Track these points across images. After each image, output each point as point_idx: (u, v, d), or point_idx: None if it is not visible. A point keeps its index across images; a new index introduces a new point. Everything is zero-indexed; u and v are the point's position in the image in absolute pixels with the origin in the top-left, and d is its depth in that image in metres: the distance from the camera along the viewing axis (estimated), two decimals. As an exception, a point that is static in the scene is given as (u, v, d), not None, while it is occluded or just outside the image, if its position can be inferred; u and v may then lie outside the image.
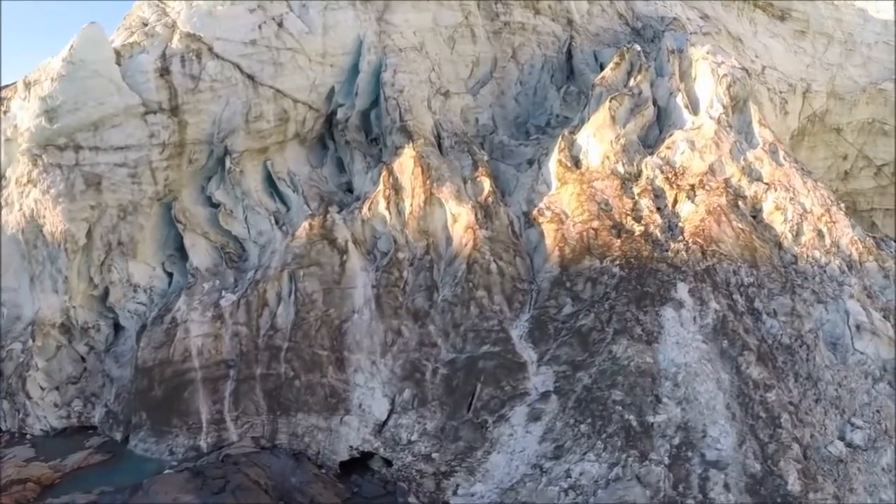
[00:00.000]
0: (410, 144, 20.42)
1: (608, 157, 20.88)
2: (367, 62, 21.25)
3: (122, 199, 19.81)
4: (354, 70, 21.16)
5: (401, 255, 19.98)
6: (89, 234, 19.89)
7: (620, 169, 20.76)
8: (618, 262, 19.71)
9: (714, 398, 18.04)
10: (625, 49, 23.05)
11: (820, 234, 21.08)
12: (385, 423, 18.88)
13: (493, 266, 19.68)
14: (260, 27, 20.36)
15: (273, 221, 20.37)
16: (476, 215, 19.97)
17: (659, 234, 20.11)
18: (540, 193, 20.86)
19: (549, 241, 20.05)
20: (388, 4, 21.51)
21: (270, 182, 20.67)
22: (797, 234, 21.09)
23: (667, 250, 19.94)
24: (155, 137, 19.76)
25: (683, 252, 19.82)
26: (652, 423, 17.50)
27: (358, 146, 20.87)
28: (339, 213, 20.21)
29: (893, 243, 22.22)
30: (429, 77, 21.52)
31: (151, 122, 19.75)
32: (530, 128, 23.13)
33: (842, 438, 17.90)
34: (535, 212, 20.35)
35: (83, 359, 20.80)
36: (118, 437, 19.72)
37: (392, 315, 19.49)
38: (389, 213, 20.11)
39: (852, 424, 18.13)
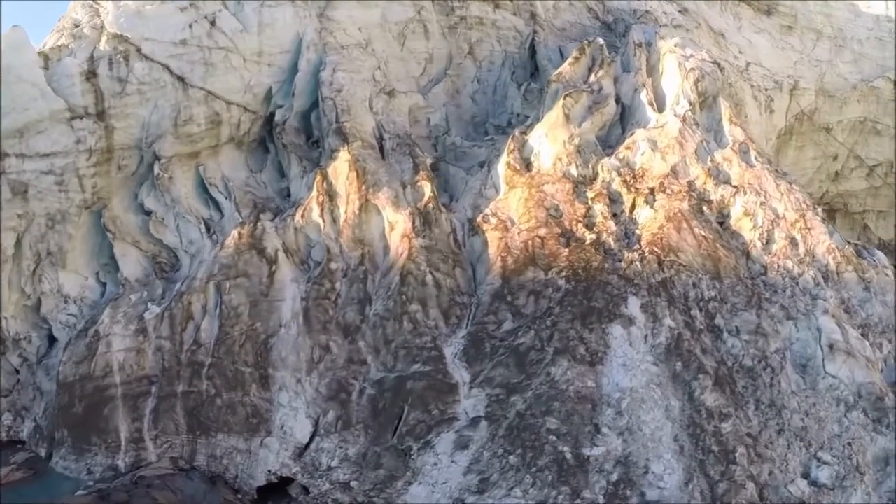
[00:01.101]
0: (346, 147, 17.47)
1: (560, 159, 17.64)
2: (306, 61, 18.37)
3: (50, 207, 17.27)
4: (293, 70, 18.32)
5: (333, 266, 17.04)
6: (18, 243, 17.41)
7: (574, 171, 17.51)
8: (564, 273, 16.42)
9: (660, 428, 14.75)
10: (585, 43, 19.72)
11: (793, 242, 17.56)
12: (307, 446, 15.93)
13: (429, 278, 16.59)
14: (191, 26, 17.63)
15: (203, 230, 17.63)
16: (413, 223, 16.92)
17: (612, 243, 16.81)
18: (487, 198, 17.71)
19: (492, 250, 16.91)
20: (329, 2, 18.59)
21: (205, 188, 17.96)
22: (767, 242, 17.58)
23: (620, 261, 16.61)
24: (82, 143, 17.17)
25: (638, 262, 16.47)
26: (588, 457, 14.27)
27: (295, 149, 18.01)
28: (272, 220, 17.40)
29: (878, 252, 18.67)
30: (373, 76, 18.55)
31: (78, 127, 17.16)
32: (489, 127, 19.99)
33: (806, 476, 14.44)
34: (479, 218, 17.23)
35: (17, 371, 18.39)
36: (43, 453, 17.24)
37: (321, 330, 16.56)
38: (323, 220, 17.19)
39: (819, 460, 14.68)
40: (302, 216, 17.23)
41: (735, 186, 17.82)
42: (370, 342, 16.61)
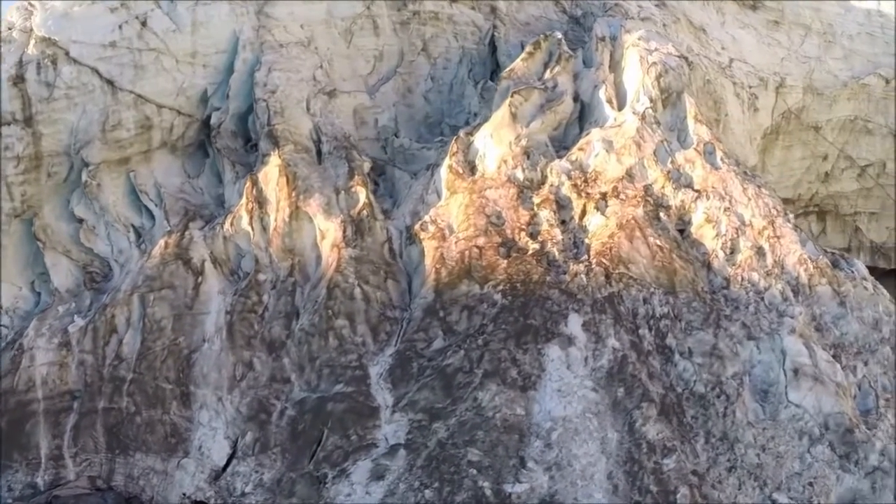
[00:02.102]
0: (276, 151, 15.08)
1: (506, 162, 14.97)
2: (242, 61, 15.99)
3: (-21, 215, 15.41)
4: (229, 70, 15.96)
5: (261, 277, 14.73)
6: (-49, 252, 15.63)
7: (519, 175, 14.87)
8: (501, 287, 13.74)
9: (594, 464, 12.09)
10: (542, 37, 16.94)
11: (760, 252, 14.65)
12: (224, 469, 13.63)
13: (358, 291, 14.13)
14: (121, 27, 15.41)
15: (132, 239, 15.54)
16: (344, 231, 14.47)
17: (557, 253, 14.13)
18: (428, 204, 15.12)
19: (427, 260, 14.35)
20: None
21: (137, 195, 15.83)
22: (732, 252, 14.61)
23: (564, 273, 14.05)
24: (9, 150, 15.09)
25: (583, 275, 13.80)
26: (510, 494, 11.62)
27: (229, 154, 15.75)
28: (201, 229, 15.27)
29: (857, 262, 15.76)
30: (313, 75, 16.16)
31: (5, 134, 15.05)
32: (444, 128, 17.41)
33: (759, 523, 11.98)
34: (417, 226, 14.73)
35: (-44, 381, 16.69)
36: (-29, 469, 15.54)
37: (244, 345, 14.24)
38: (252, 229, 14.79)
39: (774, 502, 11.90)
40: (231, 224, 14.94)
41: (697, 190, 14.94)
42: (295, 359, 14.31)
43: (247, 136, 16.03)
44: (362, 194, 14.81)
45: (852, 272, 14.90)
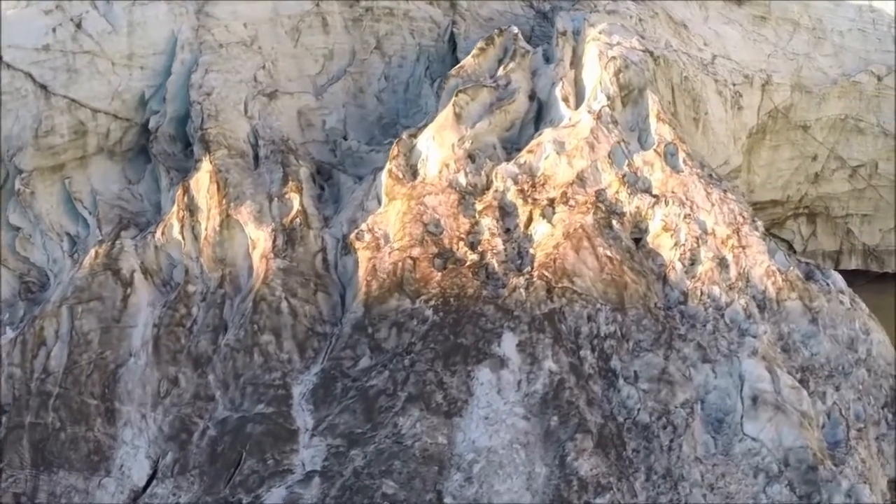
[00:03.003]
0: (208, 157, 13.36)
1: (447, 166, 12.92)
2: (180, 62, 14.22)
3: (-82, 224, 14.00)
4: (168, 72, 14.23)
5: (191, 289, 13.00)
6: None
7: (462, 180, 12.84)
8: (433, 302, 11.72)
9: (517, 501, 10.34)
10: (496, 32, 14.82)
11: (722, 264, 12.36)
12: (144, 490, 12.04)
13: (285, 305, 12.28)
14: (55, 30, 13.77)
15: (66, 248, 13.93)
16: (274, 241, 12.74)
17: (496, 265, 12.09)
18: (368, 211, 13.20)
19: (361, 272, 12.47)
20: None
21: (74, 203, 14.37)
22: (692, 264, 12.40)
23: (503, 287, 12.10)
24: (-54, 157, 13.79)
25: (522, 290, 11.72)
26: (422, 537, 10.06)
27: (165, 159, 14.08)
28: (134, 238, 13.66)
29: (834, 273, 13.48)
30: (254, 76, 14.34)
31: (-62, 140, 13.77)
32: (399, 129, 15.42)
33: (701, 578, 9.91)
34: (353, 235, 12.86)
35: None
36: None
37: (170, 360, 12.56)
38: (184, 238, 13.05)
39: (721, 554, 9.98)
40: (163, 233, 13.21)
41: (655, 196, 12.75)
42: (220, 376, 12.55)
43: (186, 141, 14.25)
44: (296, 201, 12.98)
45: (827, 284, 12.63)
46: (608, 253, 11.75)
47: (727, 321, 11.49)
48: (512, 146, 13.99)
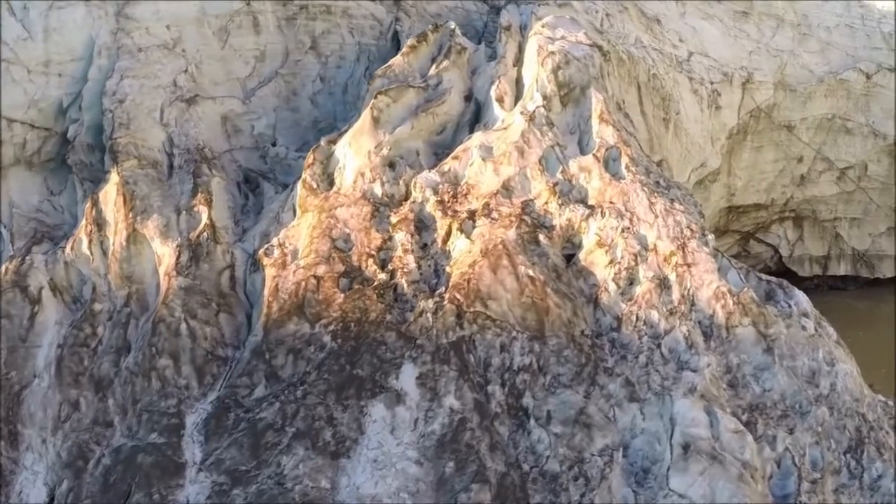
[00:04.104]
0: (116, 168, 11.59)
1: (363, 175, 10.83)
2: (97, 68, 12.35)
3: None
4: (86, 79, 12.56)
5: (97, 307, 11.16)
6: None
7: (377, 190, 10.72)
8: (332, 327, 9.56)
9: (395, 571, 8.29)
10: (430, 28, 12.56)
11: (663, 284, 9.85)
12: (39, 519, 10.69)
13: (184, 327, 10.32)
14: (-32, 37, 12.39)
15: (-22, 262, 12.54)
16: (178, 257, 10.88)
17: (405, 286, 9.88)
18: (282, 224, 11.17)
19: (266, 292, 10.55)
20: None
21: (-7, 213, 12.84)
22: (631, 283, 10.02)
23: (410, 310, 10.05)
24: None
25: (429, 315, 9.50)
26: None
27: (80, 170, 12.34)
28: (45, 253, 11.99)
29: (798, 293, 10.98)
30: (174, 81, 12.56)
31: None
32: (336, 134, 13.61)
33: None
34: (262, 251, 10.83)
35: None
36: None
37: (72, 383, 10.76)
38: (92, 253, 11.20)
39: None
40: (72, 248, 11.47)
41: (591, 206, 10.39)
42: (119, 401, 10.75)
43: (104, 150, 12.70)
44: (204, 214, 11.02)
45: (789, 306, 10.15)
46: (530, 272, 9.56)
47: (664, 352, 9.21)
48: (444, 152, 11.89)
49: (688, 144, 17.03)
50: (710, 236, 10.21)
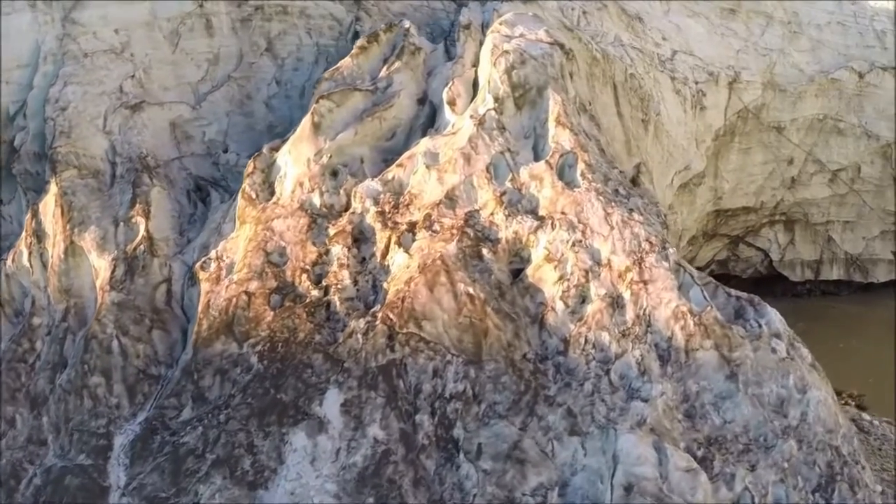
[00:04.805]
0: (55, 178, 10.66)
1: (301, 184, 9.80)
2: (42, 74, 11.41)
3: None
4: (32, 87, 11.83)
5: (36, 321, 10.25)
6: None
7: (316, 201, 9.60)
8: (259, 347, 8.56)
9: None
10: (382, 28, 11.42)
11: (616, 304, 8.54)
12: (-32, 544, 9.92)
13: (116, 344, 9.36)
14: (-86, 45, 11.60)
15: (-72, 273, 11.82)
16: (113, 271, 9.99)
17: (338, 304, 8.81)
18: (222, 236, 10.20)
19: (200, 308, 9.64)
20: (79, 1, 11.81)
21: (-58, 222, 12.14)
22: (582, 302, 8.80)
23: (341, 330, 8.99)
24: None
25: (360, 336, 8.48)
26: None
27: (24, 180, 11.49)
28: (-12, 263, 11.26)
29: (770, 311, 9.69)
30: (120, 86, 11.64)
31: None
32: (295, 140, 12.62)
33: None
34: (198, 264, 9.81)
35: None
36: None
37: (9, 399, 9.80)
38: (32, 266, 10.34)
39: None
40: (13, 260, 10.67)
41: (540, 218, 9.23)
42: (53, 419, 9.80)
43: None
44: (142, 226, 10.15)
45: (759, 326, 8.88)
46: (470, 290, 8.43)
47: (613, 378, 8.04)
48: (394, 159, 10.74)
49: (670, 147, 15.69)
50: (672, 250, 8.97)
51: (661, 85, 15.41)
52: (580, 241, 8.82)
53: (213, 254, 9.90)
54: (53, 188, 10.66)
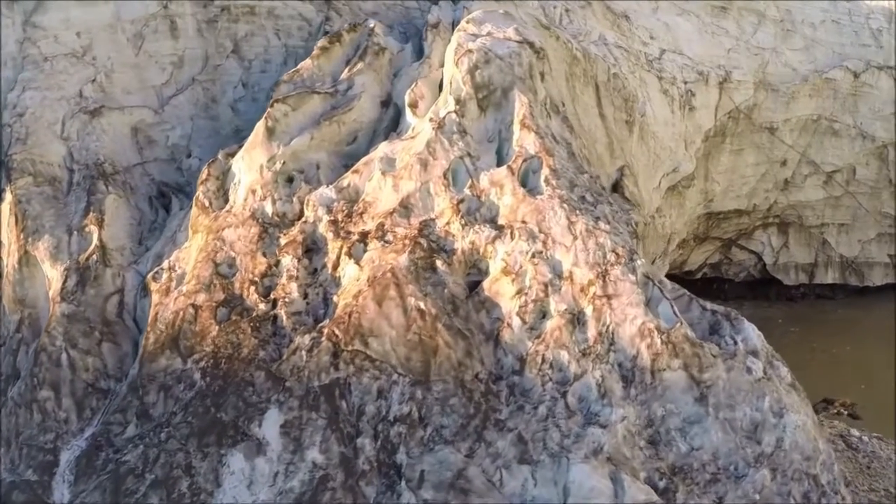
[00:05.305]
0: (10, 186, 10.03)
1: (254, 192, 9.13)
2: (3, 80, 11.05)
3: None
4: (-6, 91, 11.45)
5: (-10, 331, 10.21)
6: None
7: (268, 209, 8.95)
8: (203, 363, 7.91)
9: None
10: (346, 28, 10.66)
11: (577, 320, 7.67)
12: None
13: (65, 357, 8.76)
14: None
15: None
16: (65, 281, 9.41)
17: (285, 318, 8.16)
18: (176, 245, 9.57)
19: (149, 320, 8.98)
20: (41, 3, 11.44)
21: None
22: (542, 317, 7.87)
23: (286, 346, 8.32)
24: None
25: (304, 353, 7.81)
26: None
27: (-15, 186, 11.25)
28: (-53, 271, 10.80)
29: (747, 325, 8.81)
30: (80, 91, 11.07)
31: None
32: (263, 144, 11.99)
33: None
34: (150, 275, 9.20)
35: None
36: None
37: (-40, 412, 9.87)
38: (-13, 274, 10.34)
39: None
40: (-31, 268, 10.50)
41: (499, 227, 8.47)
42: (4, 433, 9.19)
43: (11, 165, 11.38)
44: (95, 235, 9.59)
45: (734, 343, 8.07)
46: (421, 305, 7.71)
47: (570, 401, 7.29)
48: (355, 164, 10.17)
49: (656, 148, 14.80)
50: (640, 261, 8.17)
51: (647, 85, 14.53)
52: (540, 252, 8.06)
53: (165, 264, 9.26)
54: (9, 196, 10.06)
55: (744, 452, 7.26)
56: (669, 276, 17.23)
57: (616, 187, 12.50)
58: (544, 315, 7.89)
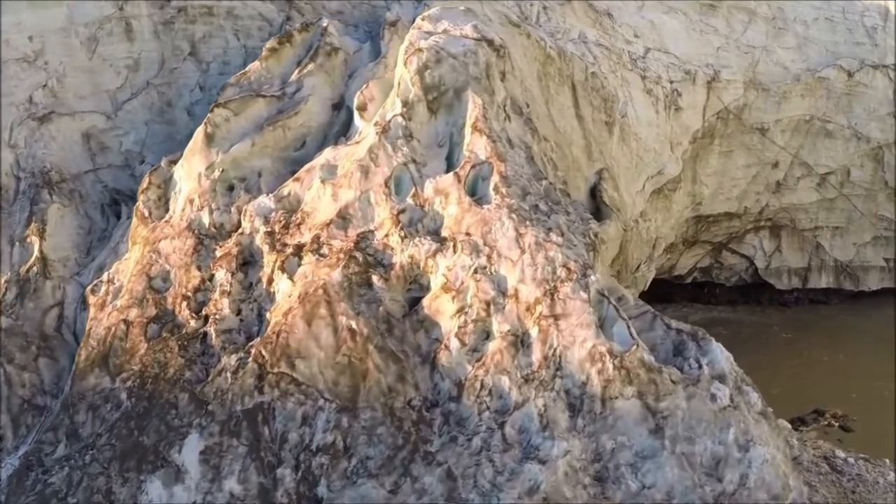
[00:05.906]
0: (-48, 194, 9.89)
1: (191, 202, 8.48)
2: (-45, 85, 10.94)
3: None
4: (-54, 97, 10.94)
5: (-67, 342, 9.73)
6: None
7: (205, 219, 8.29)
8: (130, 383, 7.32)
9: None
10: (297, 28, 9.96)
11: (521, 343, 6.81)
12: None
13: (1, 372, 8.29)
14: None
15: None
16: (4, 294, 8.78)
17: (214, 337, 7.47)
18: (118, 256, 8.94)
19: (84, 336, 8.51)
20: None
21: None
22: (486, 338, 7.08)
23: (214, 367, 7.75)
24: None
25: (229, 374, 7.17)
26: None
27: (-67, 195, 10.77)
28: None
29: (715, 346, 7.97)
30: (30, 97, 10.46)
31: None
32: (222, 149, 11.36)
33: None
34: (89, 287, 8.62)
35: None
36: None
37: None
38: (-69, 284, 9.86)
39: None
40: (-85, 280, 10.03)
41: (442, 239, 7.73)
42: (-56, 449, 9.30)
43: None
44: (36, 246, 9.06)
45: (698, 367, 7.20)
46: (352, 325, 7.03)
47: (508, 433, 6.52)
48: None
49: (639, 150, 13.87)
50: (594, 277, 7.38)
51: (630, 84, 13.59)
52: (484, 268, 7.31)
53: (105, 276, 8.67)
54: (-49, 205, 9.82)
55: (702, 491, 6.42)
56: (658, 281, 16.59)
57: (594, 191, 11.71)
58: (487, 336, 7.18)
